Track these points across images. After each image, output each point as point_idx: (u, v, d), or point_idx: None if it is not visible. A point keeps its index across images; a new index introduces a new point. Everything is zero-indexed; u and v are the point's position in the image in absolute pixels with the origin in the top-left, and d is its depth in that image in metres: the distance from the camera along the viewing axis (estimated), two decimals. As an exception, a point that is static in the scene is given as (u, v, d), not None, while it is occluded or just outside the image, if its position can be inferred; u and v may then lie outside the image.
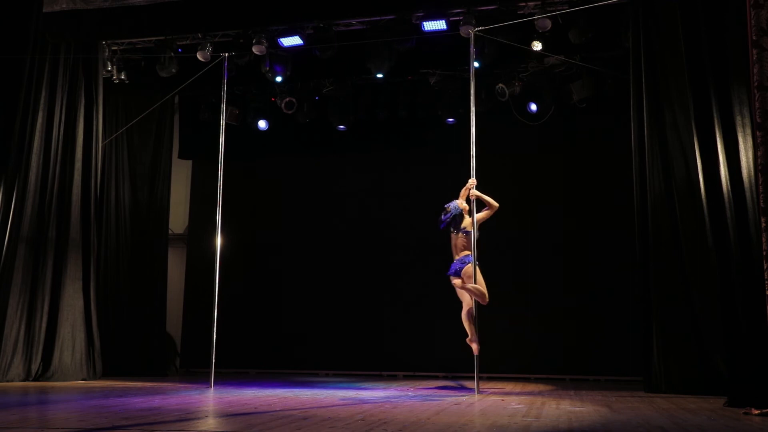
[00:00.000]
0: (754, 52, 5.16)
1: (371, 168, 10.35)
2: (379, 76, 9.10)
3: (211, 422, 4.51)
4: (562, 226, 9.47)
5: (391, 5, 8.22)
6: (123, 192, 9.69)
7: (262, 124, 10.20)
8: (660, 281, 6.98)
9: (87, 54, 8.76)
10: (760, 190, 5.06)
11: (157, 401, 5.64)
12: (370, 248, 10.05)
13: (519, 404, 5.61)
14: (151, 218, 9.79)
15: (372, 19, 8.41)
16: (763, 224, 5.04)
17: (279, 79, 9.31)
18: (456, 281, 6.85)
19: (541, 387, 7.72)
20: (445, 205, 6.97)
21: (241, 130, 10.13)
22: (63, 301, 8.33)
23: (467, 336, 6.84)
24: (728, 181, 6.09)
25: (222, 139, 8.03)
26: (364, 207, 10.20)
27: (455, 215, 6.90)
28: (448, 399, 6.09)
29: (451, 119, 9.57)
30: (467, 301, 6.83)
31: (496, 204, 6.81)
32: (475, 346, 6.76)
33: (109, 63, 9.11)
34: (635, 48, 7.39)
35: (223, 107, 8.21)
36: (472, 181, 6.90)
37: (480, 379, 6.89)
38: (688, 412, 5.10)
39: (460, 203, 6.94)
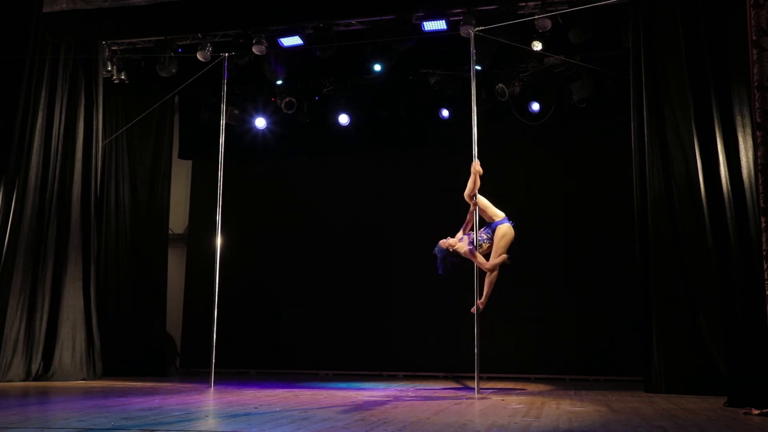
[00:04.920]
0: (754, 52, 5.16)
1: (371, 168, 10.35)
2: (377, 68, 9.05)
3: (211, 422, 4.51)
4: (562, 226, 9.48)
5: (391, 5, 8.21)
6: (123, 192, 9.69)
7: (261, 122, 10.21)
8: (660, 281, 6.98)
9: (87, 54, 8.76)
10: (760, 190, 5.06)
11: (157, 401, 5.64)
12: (370, 248, 10.05)
13: (519, 404, 5.61)
14: (151, 218, 9.78)
15: (372, 19, 8.41)
16: (763, 224, 5.04)
17: (279, 82, 9.37)
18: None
19: (541, 387, 7.73)
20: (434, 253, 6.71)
21: (241, 130, 10.14)
22: (63, 301, 8.33)
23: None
24: (728, 181, 6.08)
25: (222, 139, 8.03)
26: (364, 207, 10.19)
27: (444, 256, 6.59)
28: (448, 399, 6.09)
29: (446, 113, 9.60)
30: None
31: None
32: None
33: (109, 63, 9.10)
34: (635, 48, 7.39)
35: (223, 107, 8.21)
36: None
37: (480, 379, 6.88)
38: (688, 412, 5.10)
39: (443, 243, 6.65)
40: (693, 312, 6.73)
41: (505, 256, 6.47)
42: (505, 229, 6.53)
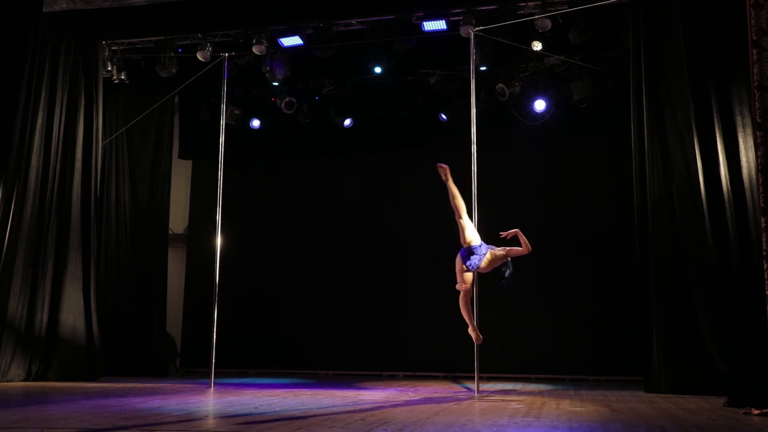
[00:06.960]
0: (754, 52, 5.16)
1: (371, 168, 10.35)
2: (378, 70, 9.07)
3: (211, 422, 4.51)
4: (562, 226, 9.46)
5: (391, 5, 8.22)
6: (123, 192, 9.69)
7: (255, 123, 10.20)
8: (660, 281, 6.98)
9: (87, 54, 8.76)
10: (760, 190, 5.06)
11: (157, 401, 5.64)
12: (370, 248, 10.05)
13: (519, 404, 5.62)
14: (151, 218, 9.78)
15: (372, 19, 8.42)
16: (763, 224, 5.04)
17: (275, 84, 9.40)
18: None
19: (541, 387, 7.73)
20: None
21: (241, 130, 10.13)
22: (63, 301, 8.33)
23: (470, 336, 6.78)
24: (728, 181, 6.09)
25: (222, 139, 8.03)
26: (364, 207, 10.20)
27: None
28: (448, 399, 6.09)
29: (444, 116, 9.60)
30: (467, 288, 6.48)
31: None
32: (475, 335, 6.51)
33: (109, 63, 9.11)
34: (635, 48, 7.39)
35: (223, 107, 8.21)
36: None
37: (480, 379, 6.89)
38: (688, 412, 5.10)
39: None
40: (693, 312, 6.73)
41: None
42: None
